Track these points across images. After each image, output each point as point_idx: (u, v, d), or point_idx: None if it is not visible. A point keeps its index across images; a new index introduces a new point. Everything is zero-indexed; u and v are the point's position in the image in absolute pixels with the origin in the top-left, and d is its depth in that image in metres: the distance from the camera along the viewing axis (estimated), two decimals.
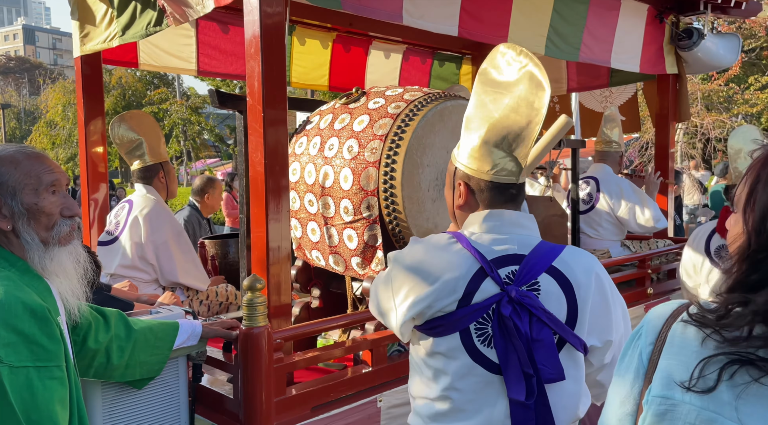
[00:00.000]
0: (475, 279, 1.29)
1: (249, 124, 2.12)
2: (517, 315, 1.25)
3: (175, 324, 1.83)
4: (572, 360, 1.31)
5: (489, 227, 1.35)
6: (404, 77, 4.93)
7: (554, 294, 1.28)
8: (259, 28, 2.04)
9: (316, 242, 2.50)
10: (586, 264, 1.33)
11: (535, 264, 1.29)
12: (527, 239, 1.35)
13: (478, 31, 2.72)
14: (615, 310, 1.35)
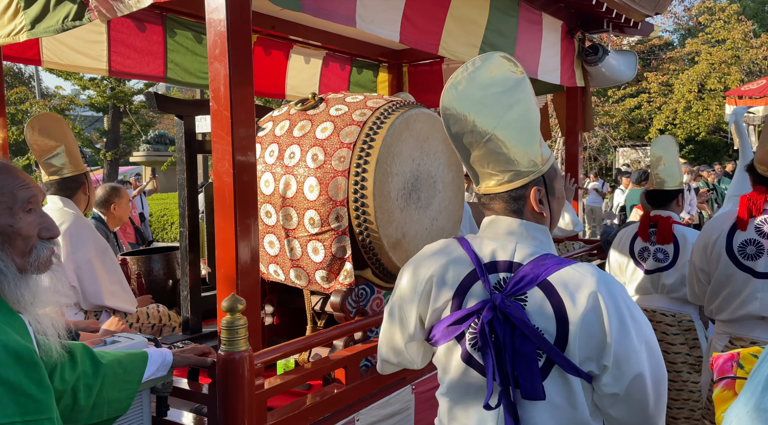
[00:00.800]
0: (467, 280, 1.29)
1: (214, 130, 1.95)
2: (499, 324, 1.22)
3: (143, 355, 1.62)
4: (563, 383, 1.21)
5: (491, 233, 1.33)
6: (324, 83, 4.85)
7: (542, 310, 1.21)
8: (225, 27, 1.88)
9: (274, 256, 2.37)
10: (588, 283, 1.20)
11: (527, 275, 1.24)
12: (528, 250, 1.29)
13: (414, 38, 2.74)
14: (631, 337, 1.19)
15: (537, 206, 1.29)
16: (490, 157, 1.28)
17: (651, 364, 1.22)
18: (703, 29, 18.37)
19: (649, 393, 1.22)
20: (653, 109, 18.68)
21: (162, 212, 12.91)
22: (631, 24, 4.22)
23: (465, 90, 1.27)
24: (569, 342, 1.19)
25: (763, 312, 2.29)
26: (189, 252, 2.59)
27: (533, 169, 1.29)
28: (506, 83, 1.27)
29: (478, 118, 1.26)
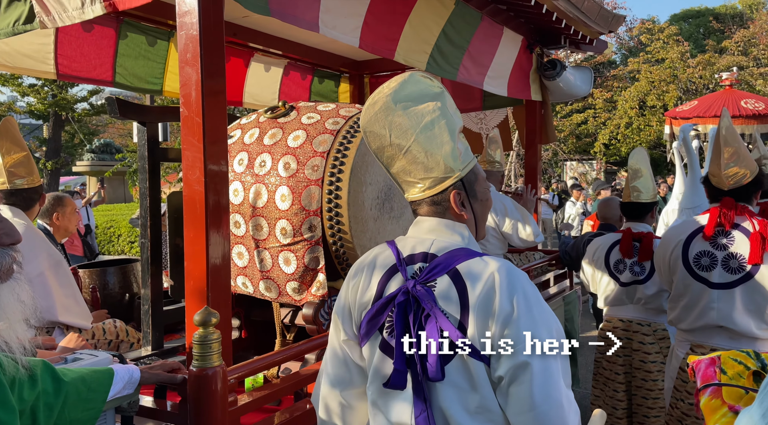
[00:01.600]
0: (388, 273, 1.36)
1: (184, 138, 1.87)
2: (410, 307, 1.29)
3: (109, 372, 1.53)
4: (465, 367, 1.24)
5: (414, 232, 1.41)
6: (284, 92, 4.80)
7: (448, 295, 1.27)
8: (198, 30, 1.82)
9: (243, 267, 2.29)
10: (489, 268, 1.25)
11: (439, 264, 1.30)
12: (445, 244, 1.34)
13: (372, 43, 2.75)
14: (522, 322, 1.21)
15: (458, 208, 1.35)
16: (409, 167, 1.35)
17: (538, 362, 1.19)
18: (643, 49, 19.27)
19: (535, 391, 1.18)
20: (599, 125, 19.40)
21: (108, 224, 12.40)
22: (587, 41, 4.36)
23: (381, 109, 1.34)
24: (469, 325, 1.23)
25: (720, 321, 2.37)
26: (151, 264, 2.48)
27: (450, 174, 1.34)
28: (421, 98, 1.34)
29: (394, 133, 1.33)
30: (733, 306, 2.35)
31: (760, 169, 2.54)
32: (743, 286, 2.33)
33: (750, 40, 19.15)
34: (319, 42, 4.54)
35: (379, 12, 2.76)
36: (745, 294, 2.33)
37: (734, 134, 2.43)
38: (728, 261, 2.37)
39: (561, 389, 1.22)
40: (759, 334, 2.34)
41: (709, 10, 26.29)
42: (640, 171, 3.04)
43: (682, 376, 2.47)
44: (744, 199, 2.42)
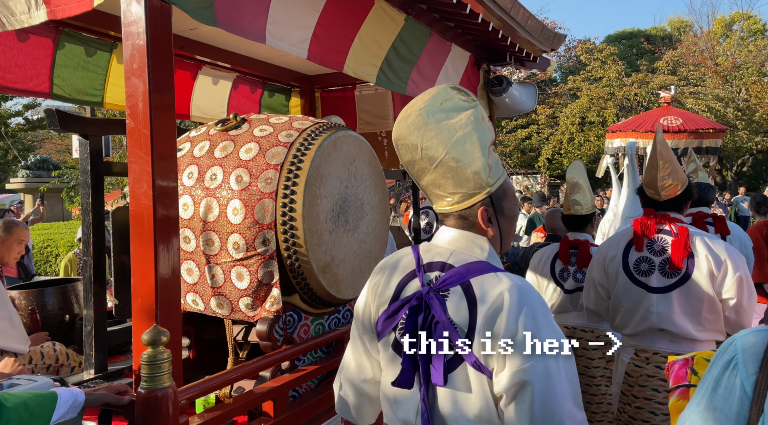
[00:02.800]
0: (407, 277, 1.40)
1: (131, 150, 1.80)
2: (421, 312, 1.31)
3: (52, 396, 1.45)
4: (468, 377, 1.26)
5: (438, 241, 1.43)
6: (233, 105, 4.72)
7: (459, 306, 1.29)
8: (145, 40, 1.77)
9: (193, 284, 2.22)
10: (502, 285, 1.26)
11: (454, 275, 1.32)
12: (464, 256, 1.36)
13: (321, 55, 2.75)
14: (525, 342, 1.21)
15: (484, 225, 1.36)
16: (439, 180, 1.35)
17: (540, 381, 1.19)
18: (583, 67, 20.10)
19: (535, 410, 1.19)
20: (542, 140, 20.04)
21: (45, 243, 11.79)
22: (531, 58, 4.51)
23: (414, 122, 1.34)
24: (475, 338, 1.25)
25: (661, 324, 2.46)
26: (94, 283, 2.37)
27: (479, 191, 1.35)
28: (454, 112, 1.34)
29: (426, 147, 1.33)
30: (671, 309, 2.44)
31: (690, 180, 2.68)
32: (680, 290, 2.42)
33: (679, 60, 20.30)
34: (270, 56, 4.51)
35: (329, 25, 2.76)
36: (682, 297, 2.42)
37: (668, 149, 2.56)
38: (665, 265, 2.47)
39: (564, 410, 1.21)
40: (697, 336, 2.43)
41: (641, 32, 27.74)
42: (578, 184, 3.15)
43: (628, 380, 2.54)
44: (676, 208, 2.55)
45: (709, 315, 2.41)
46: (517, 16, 3.72)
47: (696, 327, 2.42)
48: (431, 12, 3.56)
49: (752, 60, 20.96)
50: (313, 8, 2.68)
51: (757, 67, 21.13)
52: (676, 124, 9.18)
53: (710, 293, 2.38)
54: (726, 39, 22.92)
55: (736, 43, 21.71)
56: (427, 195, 1.42)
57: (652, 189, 2.57)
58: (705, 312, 2.40)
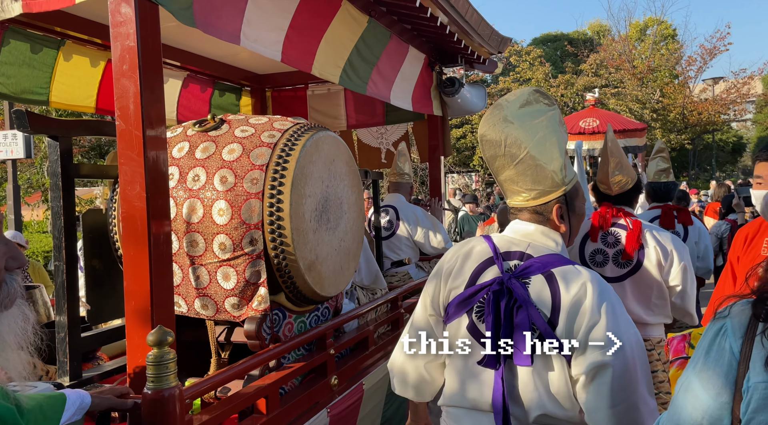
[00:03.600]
0: (483, 264, 1.48)
1: (121, 152, 1.79)
2: (503, 297, 1.39)
3: (62, 397, 1.44)
4: (545, 359, 1.35)
5: (511, 233, 1.54)
6: (183, 104, 4.63)
7: (541, 293, 1.37)
8: (135, 41, 1.76)
9: (176, 286, 2.21)
10: (583, 276, 1.37)
11: (534, 263, 1.42)
12: (540, 248, 1.47)
13: (293, 57, 2.78)
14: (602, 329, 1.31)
15: (558, 220, 1.48)
16: (519, 177, 1.45)
17: (619, 365, 1.29)
18: (513, 69, 20.84)
19: (613, 391, 1.28)
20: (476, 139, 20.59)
21: None
22: (480, 61, 4.70)
23: (500, 119, 1.44)
24: (559, 322, 1.35)
25: None
26: (66, 288, 2.30)
27: (556, 189, 1.46)
28: (536, 114, 1.45)
29: (509, 144, 1.43)
30: (624, 296, 2.63)
31: (639, 176, 2.91)
32: (632, 279, 2.63)
33: (601, 63, 21.45)
34: (221, 54, 4.46)
35: (300, 27, 2.80)
36: (634, 286, 2.63)
37: (618, 147, 2.78)
38: (618, 256, 2.68)
39: (638, 393, 1.31)
40: (648, 320, 2.65)
41: (564, 35, 29.07)
42: None
43: None
44: (627, 202, 2.77)
45: (658, 301, 2.64)
46: (471, 20, 3.88)
47: (647, 312, 2.64)
48: (391, 14, 3.65)
49: (665, 63, 22.47)
50: (286, 10, 2.71)
51: (669, 70, 22.68)
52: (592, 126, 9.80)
53: (659, 280, 2.59)
54: (641, 43, 24.42)
55: (650, 47, 23.18)
56: (503, 189, 1.50)
57: (604, 184, 2.78)
58: (654, 299, 2.62)
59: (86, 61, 3.88)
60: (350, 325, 2.85)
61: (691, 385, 1.00)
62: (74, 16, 3.33)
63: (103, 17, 3.33)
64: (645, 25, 25.84)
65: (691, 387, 1.00)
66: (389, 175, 4.45)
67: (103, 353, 2.80)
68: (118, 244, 2.37)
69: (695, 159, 25.25)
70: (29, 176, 12.67)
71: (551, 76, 20.11)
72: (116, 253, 2.41)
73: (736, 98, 22.32)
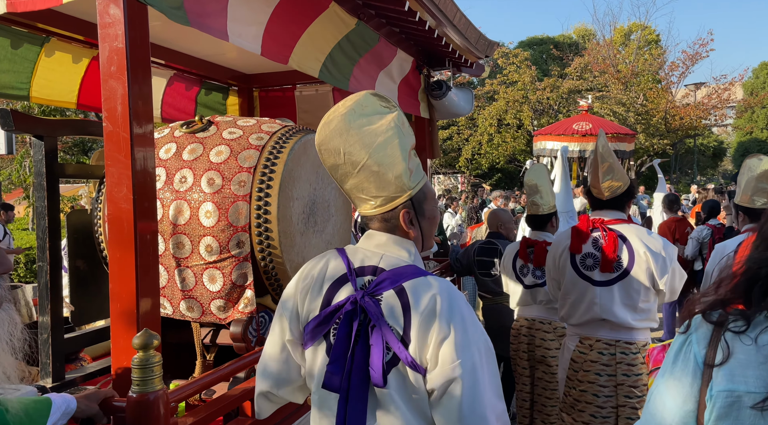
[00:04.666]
0: (338, 282, 1.43)
1: (109, 153, 1.78)
2: (356, 317, 1.36)
3: (47, 402, 1.43)
4: (406, 377, 1.33)
5: (365, 245, 1.48)
6: (167, 102, 4.60)
7: (393, 309, 1.34)
8: (124, 43, 1.75)
9: (161, 288, 2.20)
10: (433, 288, 1.34)
11: (386, 279, 1.38)
12: (393, 260, 1.42)
13: (271, 50, 2.77)
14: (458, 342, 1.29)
15: (406, 226, 1.42)
16: (362, 185, 1.40)
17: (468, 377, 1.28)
18: (500, 71, 20.96)
19: (462, 405, 1.28)
20: (462, 141, 20.70)
21: None
22: (468, 64, 4.73)
23: (336, 127, 1.38)
24: (411, 339, 1.32)
25: (603, 314, 2.70)
26: (50, 289, 2.28)
27: (400, 194, 1.41)
28: (375, 118, 1.40)
29: (349, 152, 1.38)
30: (612, 301, 2.67)
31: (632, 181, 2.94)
32: (620, 283, 2.67)
33: (586, 67, 21.65)
34: (208, 54, 4.43)
35: (280, 21, 2.79)
36: (622, 290, 2.66)
37: (609, 151, 2.77)
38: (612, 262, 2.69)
39: (487, 404, 1.30)
40: (635, 324, 2.69)
41: (550, 39, 29.29)
42: (536, 186, 3.35)
43: (573, 366, 2.78)
44: (619, 207, 2.78)
45: (644, 306, 2.67)
46: (459, 24, 3.91)
47: (633, 316, 2.67)
48: (379, 17, 3.66)
49: (648, 68, 22.75)
50: (266, 5, 2.70)
51: (653, 75, 22.97)
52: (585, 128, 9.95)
53: (646, 285, 2.63)
54: (625, 48, 24.70)
55: (634, 51, 23.46)
56: (351, 199, 1.45)
57: (596, 188, 2.80)
58: (641, 303, 2.66)
59: (69, 57, 3.84)
60: None
61: (660, 393, 1.04)
62: (58, 13, 3.30)
63: (89, 15, 3.30)
64: (629, 30, 26.14)
65: (661, 395, 1.04)
66: None
67: (87, 354, 2.78)
68: (103, 245, 2.36)
69: (677, 163, 25.61)
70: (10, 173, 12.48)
71: (537, 79, 20.27)
72: (101, 254, 2.40)
73: (717, 103, 22.67)
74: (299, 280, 1.48)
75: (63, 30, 3.50)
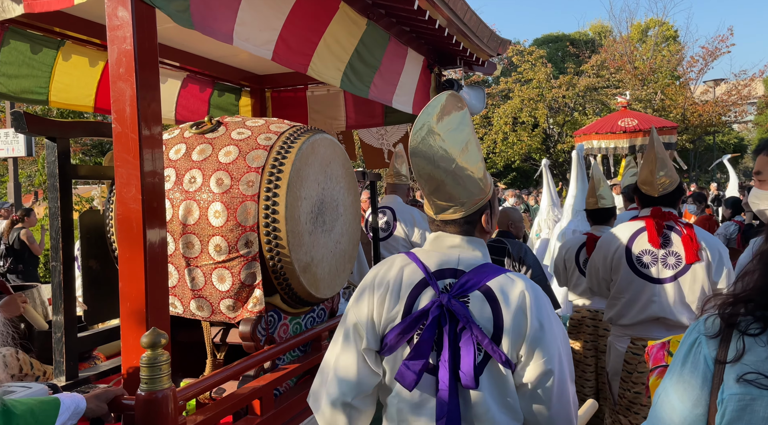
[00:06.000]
0: (417, 288, 1.42)
1: (118, 154, 1.80)
2: (444, 321, 1.36)
3: (55, 402, 1.45)
4: (498, 375, 1.35)
5: (436, 246, 1.48)
6: (181, 104, 4.64)
7: (482, 310, 1.36)
8: (132, 45, 1.77)
9: (172, 287, 2.22)
10: (518, 286, 1.37)
11: (470, 280, 1.39)
12: (470, 261, 1.44)
13: (286, 57, 2.78)
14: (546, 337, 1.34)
15: (486, 227, 1.47)
16: (450, 189, 1.41)
17: (558, 368, 1.34)
18: (515, 69, 20.83)
19: (554, 393, 1.34)
20: None
21: None
22: (479, 63, 4.70)
23: (427, 133, 1.38)
24: (503, 337, 1.34)
25: (660, 313, 2.64)
26: (63, 288, 2.31)
27: (483, 196, 1.44)
28: (455, 120, 1.40)
29: (438, 157, 1.39)
30: (671, 299, 2.61)
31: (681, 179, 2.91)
32: (680, 280, 2.61)
33: (602, 64, 21.43)
34: (220, 55, 4.47)
35: (295, 28, 2.80)
36: (681, 288, 2.61)
37: (662, 147, 2.74)
38: (666, 258, 2.65)
39: (570, 391, 1.38)
40: (689, 324, 2.63)
41: (566, 36, 29.03)
42: (601, 181, 3.43)
43: (627, 368, 2.72)
44: (670, 204, 2.74)
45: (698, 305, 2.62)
46: (470, 23, 3.89)
47: (690, 315, 2.60)
48: (389, 16, 3.66)
49: (666, 64, 22.45)
50: (280, 11, 2.72)
51: (670, 71, 22.66)
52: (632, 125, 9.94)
53: (706, 283, 2.59)
54: (642, 44, 24.39)
55: (652, 48, 23.16)
56: (431, 204, 1.45)
57: (648, 185, 2.74)
58: (700, 302, 2.61)
59: (85, 61, 3.90)
60: None
61: (668, 396, 1.02)
62: (73, 16, 3.35)
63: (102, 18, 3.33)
64: (646, 26, 25.82)
65: (669, 397, 1.01)
66: (386, 177, 4.45)
67: (100, 352, 2.81)
68: (115, 245, 2.38)
69: (696, 160, 25.24)
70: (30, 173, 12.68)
71: (552, 77, 20.10)
72: (113, 254, 2.43)
73: (737, 100, 22.30)
74: (371, 288, 1.45)
75: (78, 33, 3.56)
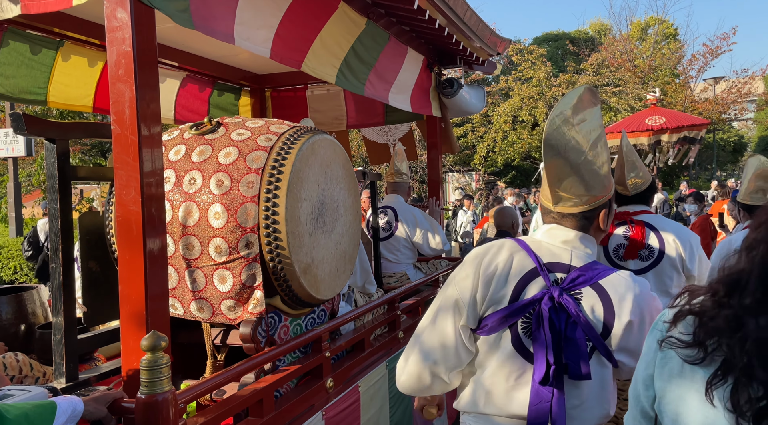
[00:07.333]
0: (527, 276, 1.45)
1: (117, 156, 1.79)
2: (555, 312, 1.39)
3: (51, 405, 1.44)
4: (599, 367, 1.42)
5: (549, 239, 1.51)
6: (180, 103, 4.64)
7: (594, 306, 1.41)
8: (131, 46, 1.77)
9: (172, 288, 2.21)
10: (632, 288, 1.43)
11: (582, 276, 1.43)
12: (582, 257, 1.49)
13: (282, 53, 2.77)
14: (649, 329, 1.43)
15: (603, 225, 1.49)
16: (574, 182, 1.43)
17: None
18: (515, 67, 20.80)
19: None
20: (476, 138, 20.59)
21: None
22: (479, 61, 4.69)
23: (562, 123, 1.40)
24: (612, 334, 1.40)
25: None
26: (63, 290, 2.30)
27: (605, 194, 1.47)
28: (589, 114, 1.43)
29: (569, 148, 1.41)
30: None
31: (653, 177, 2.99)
32: (654, 271, 2.71)
33: (603, 62, 21.40)
34: (220, 55, 4.46)
35: (291, 24, 2.79)
36: (656, 277, 2.70)
37: (632, 149, 2.84)
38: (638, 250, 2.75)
39: None
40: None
41: (566, 34, 29.00)
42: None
43: None
44: (643, 201, 2.85)
45: (677, 291, 2.68)
46: (470, 22, 3.88)
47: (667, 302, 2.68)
48: (389, 16, 3.65)
49: (666, 62, 22.42)
50: (278, 9, 2.71)
51: (670, 69, 22.63)
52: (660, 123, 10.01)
53: (678, 271, 2.69)
54: (642, 42, 24.36)
55: (652, 46, 23.13)
56: (552, 194, 1.46)
57: (621, 185, 2.84)
58: (674, 289, 2.71)
59: (84, 61, 3.89)
60: (347, 327, 2.85)
61: None
62: (72, 17, 3.34)
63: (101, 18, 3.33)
64: (646, 25, 25.78)
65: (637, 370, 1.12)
66: (386, 176, 4.44)
67: (101, 354, 2.81)
68: (114, 247, 2.38)
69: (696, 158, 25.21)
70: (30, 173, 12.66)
71: (552, 75, 20.08)
72: (113, 255, 2.42)
73: (737, 98, 22.27)
74: (479, 269, 1.47)
75: (78, 34, 3.55)
